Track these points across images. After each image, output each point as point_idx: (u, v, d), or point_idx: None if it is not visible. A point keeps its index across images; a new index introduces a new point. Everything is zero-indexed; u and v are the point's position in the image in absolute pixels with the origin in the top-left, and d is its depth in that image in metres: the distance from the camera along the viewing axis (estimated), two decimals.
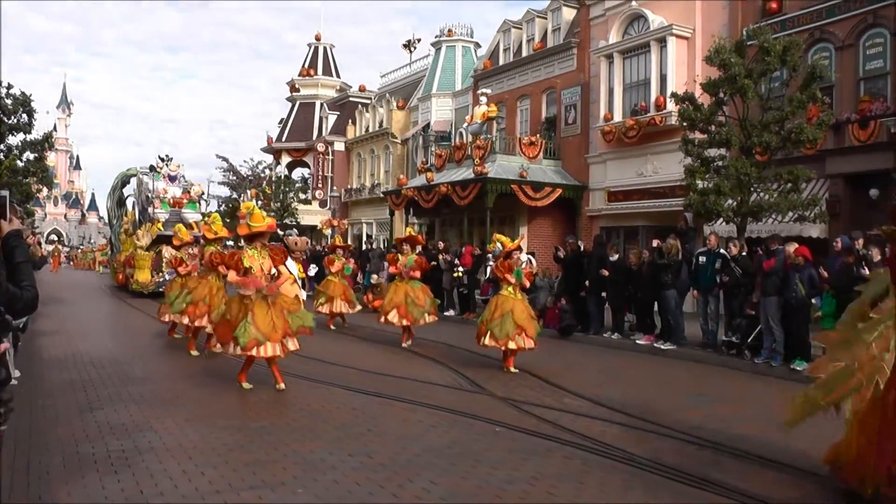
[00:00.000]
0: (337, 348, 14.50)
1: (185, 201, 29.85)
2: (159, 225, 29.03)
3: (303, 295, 16.56)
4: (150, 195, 30.19)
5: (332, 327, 18.12)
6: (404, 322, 14.93)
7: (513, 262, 12.52)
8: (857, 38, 19.11)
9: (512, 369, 12.19)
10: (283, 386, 10.24)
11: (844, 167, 18.76)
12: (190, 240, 15.84)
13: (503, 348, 12.23)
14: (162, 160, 30.91)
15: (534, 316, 12.71)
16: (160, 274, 27.89)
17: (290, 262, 15.58)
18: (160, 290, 27.82)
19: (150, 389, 10.32)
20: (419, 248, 16.40)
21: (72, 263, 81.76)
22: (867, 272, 11.00)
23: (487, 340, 12.18)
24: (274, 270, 10.59)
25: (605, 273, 16.21)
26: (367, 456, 7.09)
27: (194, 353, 13.53)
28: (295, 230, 17.24)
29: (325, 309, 18.10)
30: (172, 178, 30.58)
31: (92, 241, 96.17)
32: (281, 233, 21.06)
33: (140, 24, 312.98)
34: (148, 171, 31.42)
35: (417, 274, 15.24)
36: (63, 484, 6.18)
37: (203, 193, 32.32)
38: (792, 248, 12.61)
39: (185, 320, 14.05)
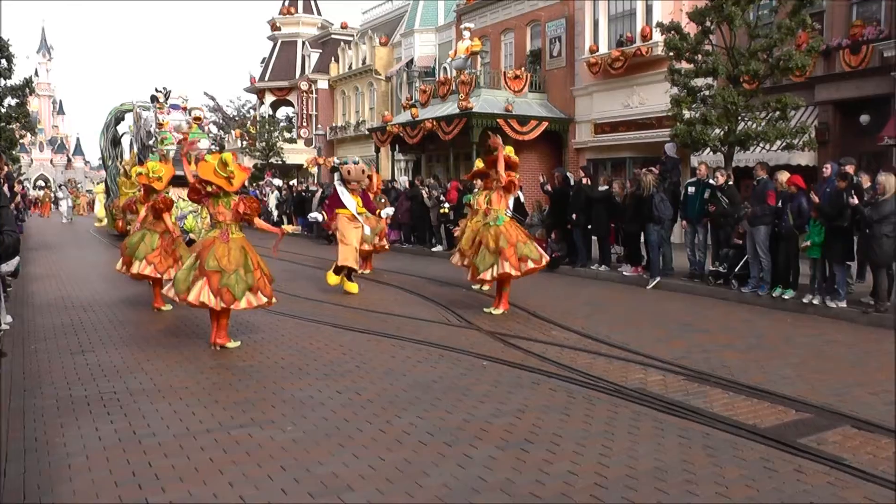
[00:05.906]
0: (325, 287, 14.44)
1: (189, 130, 27.29)
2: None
3: (366, 231, 14.73)
4: (151, 130, 27.66)
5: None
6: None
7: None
8: None
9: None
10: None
11: (834, 94, 18.58)
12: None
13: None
14: (160, 92, 28.86)
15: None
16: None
17: (346, 196, 13.60)
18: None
19: (139, 332, 10.40)
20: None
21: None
22: (856, 200, 10.91)
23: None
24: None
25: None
26: (355, 392, 7.19)
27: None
28: (352, 156, 14.16)
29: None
30: (175, 108, 28.33)
31: (78, 185, 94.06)
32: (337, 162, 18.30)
33: None
34: (148, 103, 29.12)
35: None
36: (58, 425, 6.26)
37: (202, 116, 29.68)
38: (784, 177, 12.36)
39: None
